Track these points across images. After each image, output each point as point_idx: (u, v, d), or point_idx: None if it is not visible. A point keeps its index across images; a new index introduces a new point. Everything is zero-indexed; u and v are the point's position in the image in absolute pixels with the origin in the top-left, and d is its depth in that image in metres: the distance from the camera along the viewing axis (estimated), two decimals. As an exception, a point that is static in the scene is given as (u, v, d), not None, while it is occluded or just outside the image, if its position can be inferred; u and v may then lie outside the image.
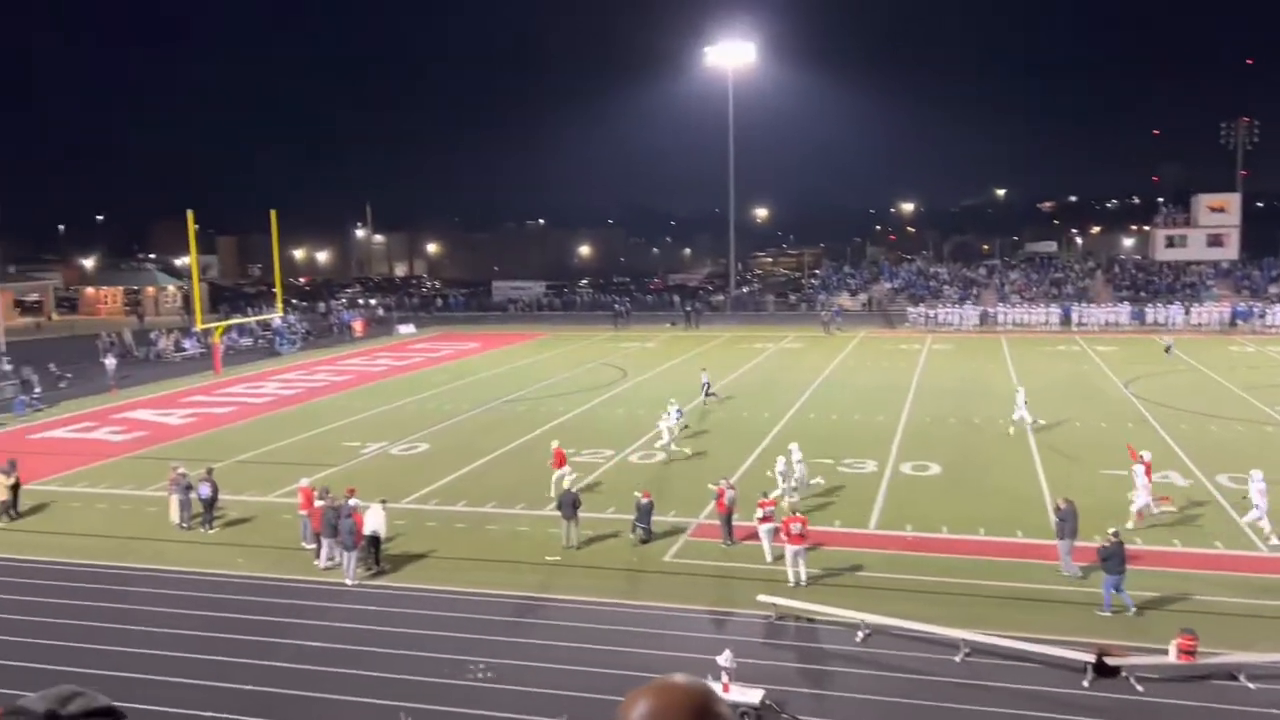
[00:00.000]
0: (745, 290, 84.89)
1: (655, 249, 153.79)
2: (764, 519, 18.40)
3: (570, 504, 19.24)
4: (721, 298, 76.45)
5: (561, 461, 22.75)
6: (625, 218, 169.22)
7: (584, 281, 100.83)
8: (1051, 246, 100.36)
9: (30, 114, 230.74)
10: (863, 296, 70.60)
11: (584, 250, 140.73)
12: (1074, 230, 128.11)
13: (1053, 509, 18.27)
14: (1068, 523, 17.28)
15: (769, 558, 18.22)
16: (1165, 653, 13.58)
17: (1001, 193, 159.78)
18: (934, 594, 16.63)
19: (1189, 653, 13.38)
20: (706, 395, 34.58)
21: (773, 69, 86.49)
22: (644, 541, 19.39)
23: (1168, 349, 44.88)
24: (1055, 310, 60.34)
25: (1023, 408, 29.00)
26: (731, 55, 71.13)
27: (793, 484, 22.00)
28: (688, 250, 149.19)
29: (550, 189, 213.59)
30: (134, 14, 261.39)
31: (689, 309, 65.45)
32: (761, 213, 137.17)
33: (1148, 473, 20.10)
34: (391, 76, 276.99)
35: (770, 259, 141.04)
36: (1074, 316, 59.12)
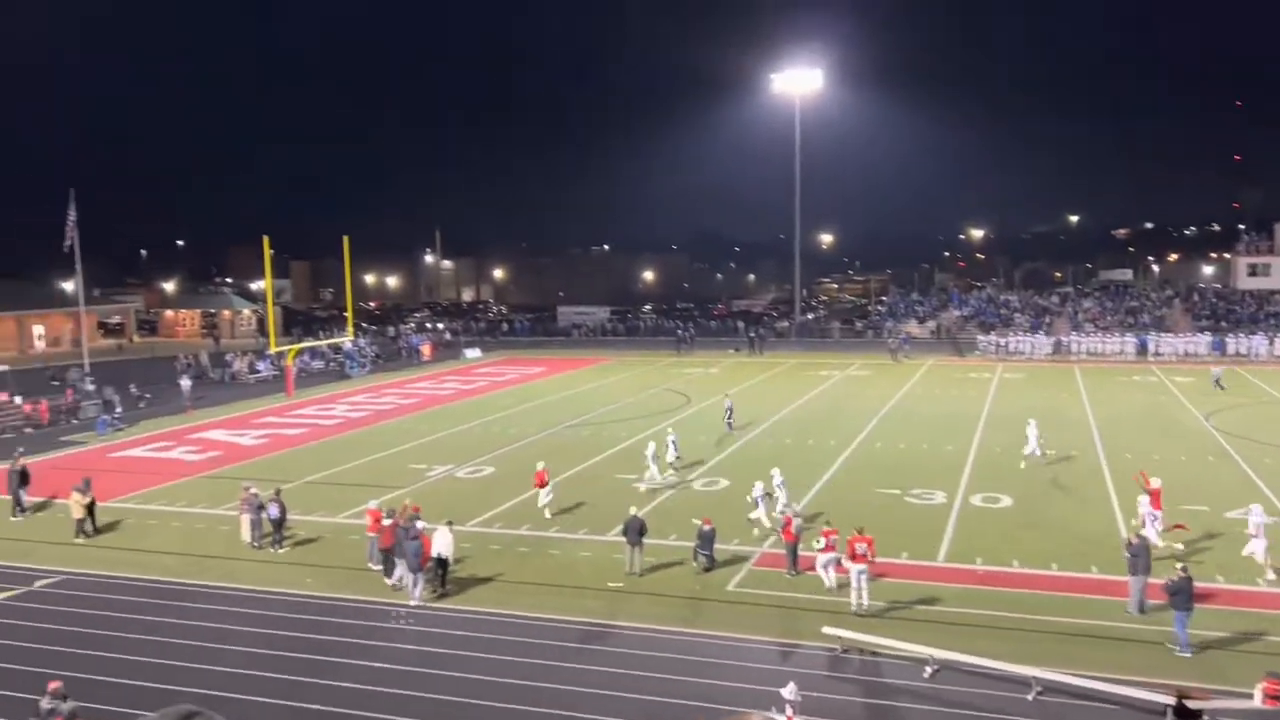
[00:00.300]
0: (810, 317, 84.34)
1: (719, 275, 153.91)
2: (825, 548, 18.21)
3: (636, 530, 19.22)
4: (786, 324, 76.04)
5: (542, 482, 23.72)
6: (689, 244, 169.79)
7: (647, 307, 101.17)
8: (1127, 274, 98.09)
9: (118, 145, 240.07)
10: (931, 324, 69.65)
11: (648, 276, 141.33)
12: (1150, 258, 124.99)
13: (1125, 544, 17.75)
14: (1140, 559, 16.76)
15: (829, 584, 18.06)
16: (1250, 697, 13.05)
17: (1074, 219, 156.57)
18: (1004, 629, 16.23)
19: (1276, 698, 12.83)
20: (729, 424, 34.64)
21: (839, 93, 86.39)
22: (707, 570, 19.27)
23: (1217, 382, 43.39)
24: (1131, 340, 58.87)
25: (1034, 440, 28.58)
26: (798, 82, 71.17)
27: (780, 508, 22.20)
28: (751, 276, 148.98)
29: (615, 215, 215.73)
30: (213, 50, 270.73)
31: (753, 335, 65.20)
32: (827, 239, 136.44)
33: (1155, 502, 19.90)
34: (461, 106, 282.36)
35: (836, 285, 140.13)
36: (1150, 346, 57.60)
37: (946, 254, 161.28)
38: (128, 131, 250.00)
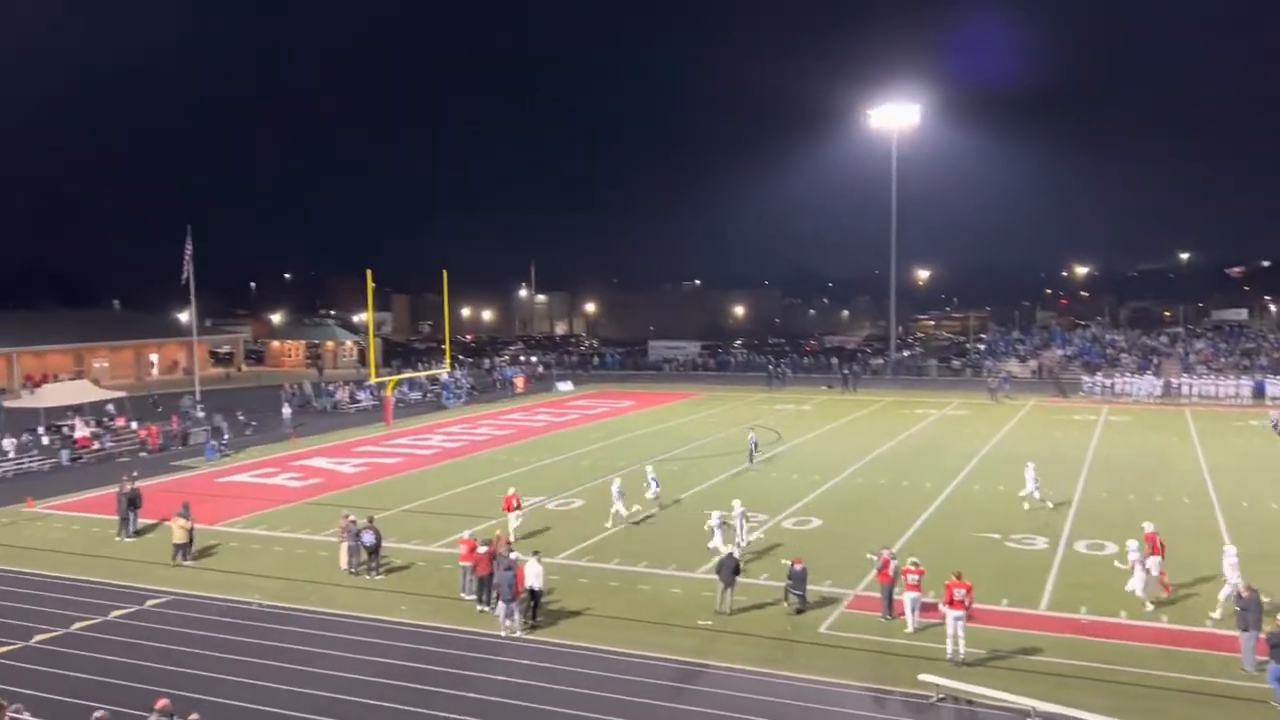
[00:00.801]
0: (906, 354, 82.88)
1: (812, 310, 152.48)
2: (912, 586, 17.82)
3: (730, 569, 19.06)
4: (881, 361, 74.82)
5: (509, 506, 25.01)
6: (782, 278, 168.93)
7: (738, 342, 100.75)
8: (1242, 314, 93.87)
9: (230, 180, 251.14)
10: (1032, 363, 67.75)
11: (739, 311, 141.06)
12: (1267, 297, 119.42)
13: (1235, 597, 16.87)
14: (1250, 613, 15.92)
15: (910, 628, 17.72)
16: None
17: (1185, 256, 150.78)
18: (1109, 683, 15.55)
19: None
20: (752, 458, 35.00)
21: (938, 127, 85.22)
22: (799, 611, 18.97)
23: (1275, 425, 41.14)
24: (1246, 382, 56.25)
25: (1032, 483, 27.74)
26: (896, 117, 70.56)
27: (740, 540, 22.91)
28: (845, 312, 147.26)
29: (707, 250, 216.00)
30: (321, 88, 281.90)
31: (846, 372, 64.32)
32: (924, 274, 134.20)
33: (1156, 550, 19.78)
34: (553, 143, 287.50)
35: (933, 322, 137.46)
36: (1268, 390, 54.93)
37: (1049, 291, 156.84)
38: (239, 166, 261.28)
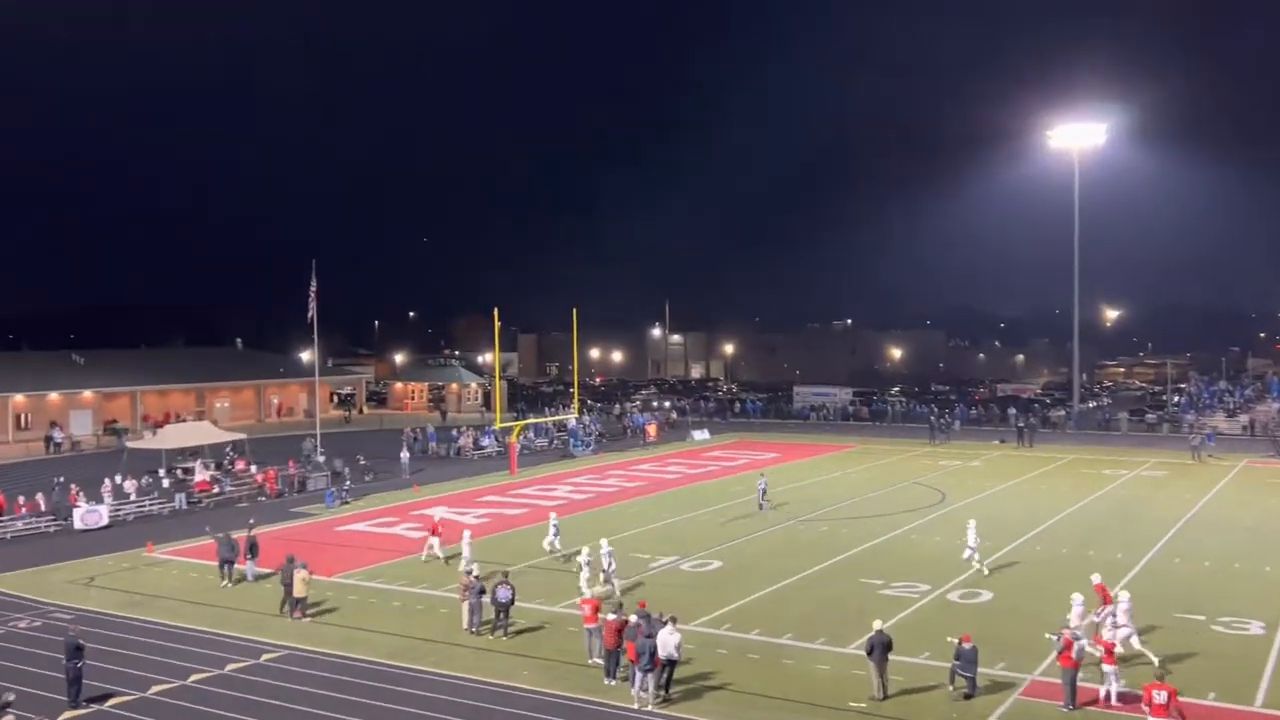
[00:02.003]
0: (1092, 405, 79.52)
1: (981, 354, 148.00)
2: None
3: (882, 647, 18.48)
4: (1062, 413, 71.94)
5: (434, 530, 29.62)
6: (946, 318, 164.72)
7: (896, 389, 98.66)
8: None
9: (356, 216, 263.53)
10: (1243, 417, 63.92)
11: (896, 353, 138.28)
12: None
13: None
14: None
15: (1068, 704, 16.84)
16: None
17: None
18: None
19: None
20: (761, 504, 37.01)
21: (1126, 149, 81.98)
22: (967, 696, 18.20)
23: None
24: None
25: (972, 542, 27.84)
26: (1078, 137, 68.35)
27: (602, 577, 24.71)
28: (1020, 357, 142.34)
29: (859, 287, 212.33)
30: (448, 124, 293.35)
31: (1022, 425, 62.06)
32: (1112, 314, 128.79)
33: (1106, 600, 21.08)
34: (689, 175, 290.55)
35: (1122, 369, 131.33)
36: None
37: (1262, 334, 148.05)
38: (366, 202, 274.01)
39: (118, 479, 41.20)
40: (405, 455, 50.15)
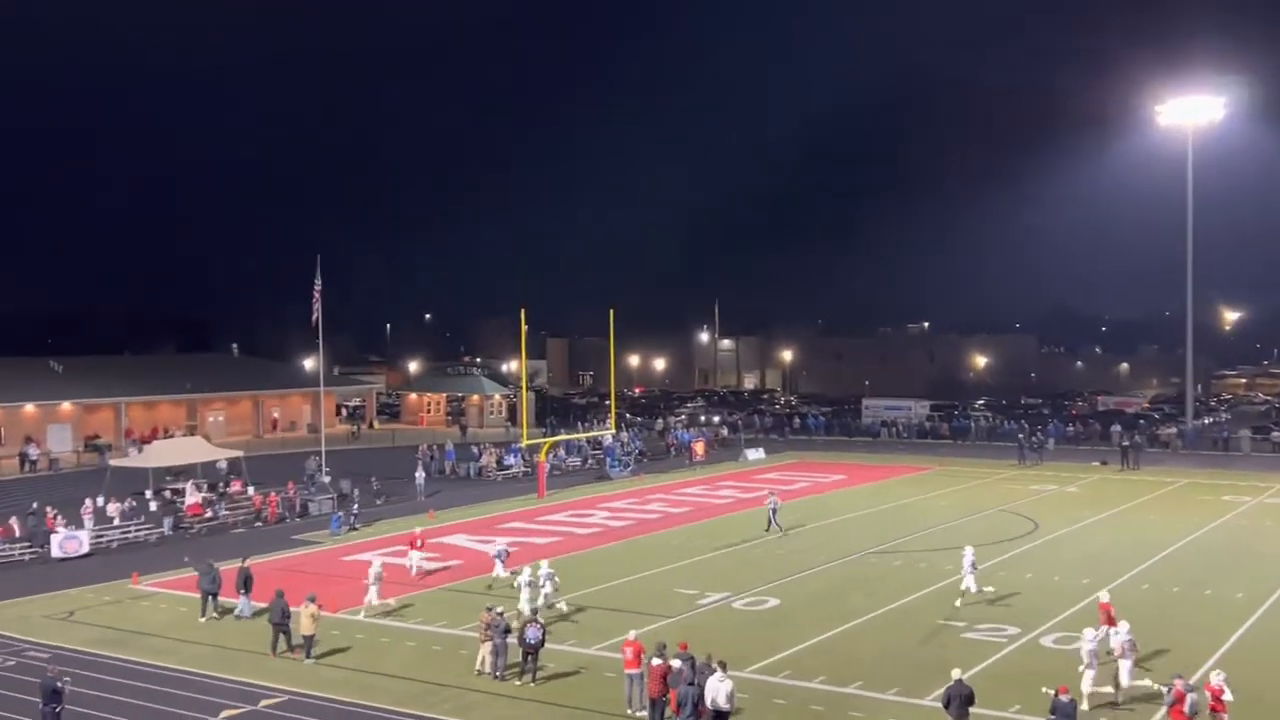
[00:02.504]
0: (1208, 421, 78.32)
1: (1079, 362, 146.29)
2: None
3: (962, 700, 18.29)
4: (1173, 430, 70.95)
5: (413, 544, 33.32)
6: (1038, 320, 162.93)
7: (980, 402, 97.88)
8: None
9: (364, 209, 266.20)
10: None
11: (980, 361, 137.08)
12: None
13: None
14: None
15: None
16: None
17: None
18: None
19: None
20: (771, 526, 38.67)
21: (1248, 126, 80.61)
22: (1062, 755, 17.98)
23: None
24: None
25: (970, 572, 28.44)
26: (1191, 113, 67.42)
27: (542, 601, 26.88)
28: (1124, 365, 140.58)
29: (939, 284, 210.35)
30: (468, 118, 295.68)
31: (1126, 444, 61.30)
32: (1231, 317, 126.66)
33: (1110, 621, 22.76)
34: (743, 155, 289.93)
35: (1244, 380, 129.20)
36: None
37: None
38: (375, 194, 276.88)
39: (100, 501, 41.83)
40: (420, 476, 50.51)
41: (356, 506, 42.83)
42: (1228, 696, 18.04)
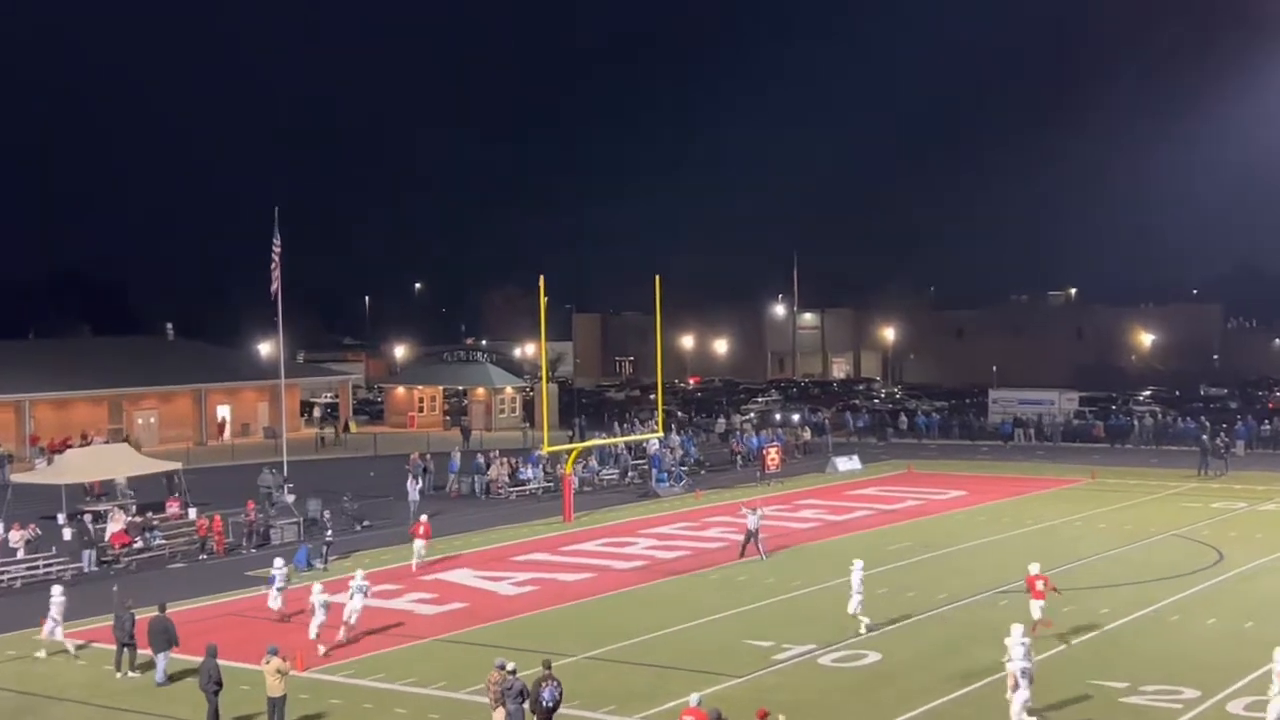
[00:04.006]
0: None
1: (1277, 340, 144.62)
2: None
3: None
4: None
5: (418, 533, 40.07)
6: (1222, 287, 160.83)
7: (1146, 393, 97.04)
8: None
9: (336, 153, 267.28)
10: None
11: (1145, 340, 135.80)
12: None
13: None
14: None
15: None
16: None
17: None
18: None
19: None
20: (748, 546, 40.75)
21: None
22: None
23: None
24: None
25: (857, 592, 31.02)
26: None
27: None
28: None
29: (1087, 244, 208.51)
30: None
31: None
32: None
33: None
34: (834, 80, 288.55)
35: None
36: None
37: None
38: (346, 136, 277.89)
39: (-1, 528, 42.33)
40: (414, 493, 50.63)
41: (330, 535, 43.05)
42: None
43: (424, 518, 41.43)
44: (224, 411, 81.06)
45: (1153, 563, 39.34)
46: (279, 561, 33.79)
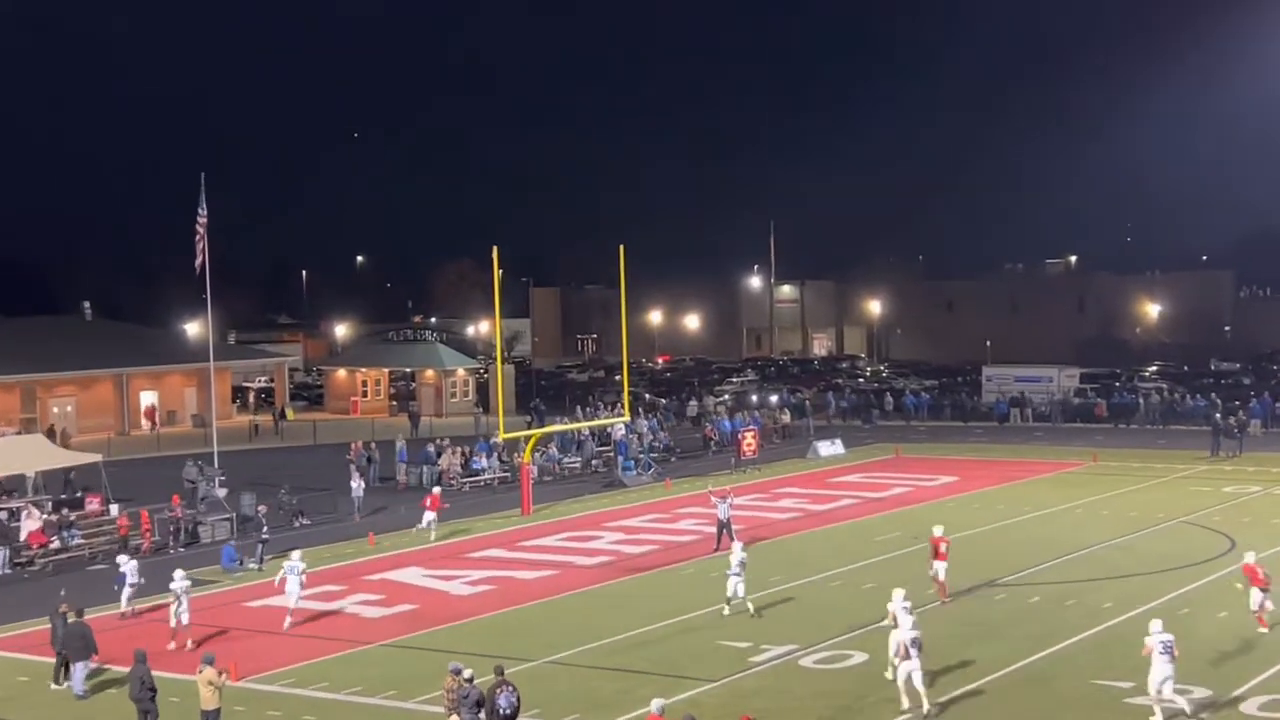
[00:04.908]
0: None
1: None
2: None
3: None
4: None
5: (428, 505, 44.60)
6: (1235, 253, 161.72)
7: (1152, 369, 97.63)
8: None
9: (266, 120, 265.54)
10: None
11: (1152, 311, 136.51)
12: None
13: None
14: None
15: None
16: None
17: None
18: None
19: None
20: (722, 538, 39.65)
21: None
22: None
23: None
24: None
25: (736, 573, 32.24)
26: None
27: None
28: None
29: (1087, 208, 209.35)
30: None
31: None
32: None
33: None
34: (813, 16, 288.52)
35: None
36: None
37: None
38: (280, 89, 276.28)
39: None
40: (358, 487, 50.37)
41: (265, 531, 42.87)
42: None
43: (436, 489, 46.90)
44: (148, 398, 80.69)
45: (1160, 552, 39.55)
46: (179, 573, 32.33)
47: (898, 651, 25.24)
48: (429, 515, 44.68)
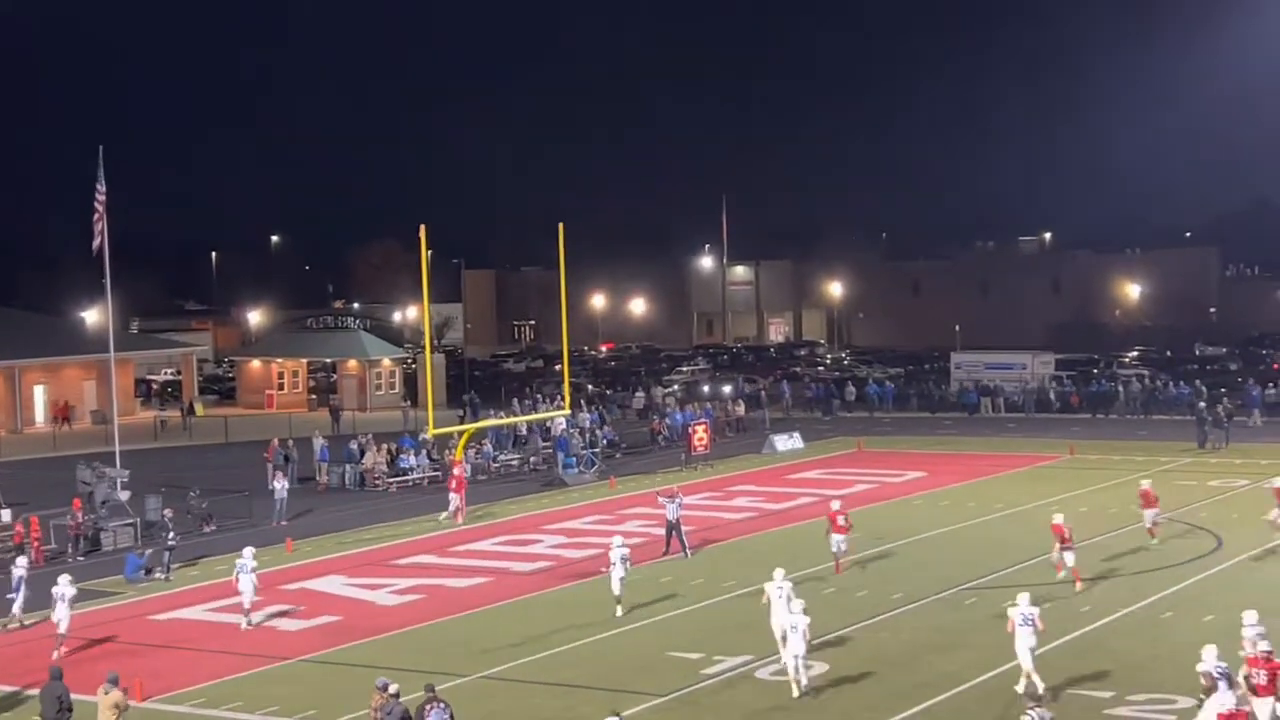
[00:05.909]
0: None
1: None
2: None
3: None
4: None
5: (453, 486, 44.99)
6: (1220, 229, 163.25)
7: (1133, 354, 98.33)
8: None
9: (172, 86, 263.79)
10: None
11: (1132, 292, 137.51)
12: None
13: None
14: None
15: None
16: None
17: None
18: None
19: None
20: (672, 540, 40.94)
21: None
22: None
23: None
24: None
25: (618, 565, 33.63)
26: None
27: None
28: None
29: (1066, 177, 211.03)
30: None
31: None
32: None
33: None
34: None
35: None
36: None
37: None
38: (191, 48, 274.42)
39: None
40: (281, 487, 49.75)
41: (173, 537, 42.52)
42: None
43: (457, 470, 49.21)
44: (42, 392, 79.99)
45: (1142, 551, 39.83)
46: (65, 578, 32.52)
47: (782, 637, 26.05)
48: (454, 499, 47.10)
